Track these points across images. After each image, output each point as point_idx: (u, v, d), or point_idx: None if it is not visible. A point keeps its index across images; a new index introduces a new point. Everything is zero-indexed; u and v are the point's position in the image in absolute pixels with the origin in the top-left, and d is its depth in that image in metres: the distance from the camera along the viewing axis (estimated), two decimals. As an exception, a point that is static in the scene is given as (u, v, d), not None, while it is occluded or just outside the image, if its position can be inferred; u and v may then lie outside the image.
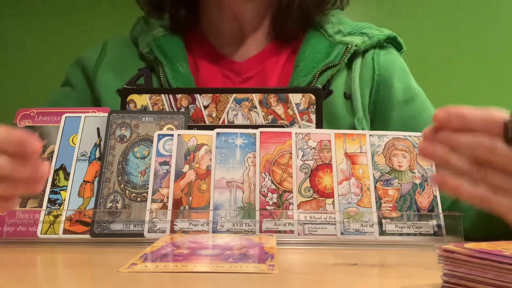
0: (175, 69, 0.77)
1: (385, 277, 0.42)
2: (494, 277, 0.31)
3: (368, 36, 0.78)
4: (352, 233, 0.55)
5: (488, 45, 1.59)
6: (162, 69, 0.77)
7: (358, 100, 0.74)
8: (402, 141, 0.60)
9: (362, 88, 0.75)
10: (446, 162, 0.45)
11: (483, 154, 0.43)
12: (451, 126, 0.44)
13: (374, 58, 0.77)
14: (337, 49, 0.76)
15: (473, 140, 0.44)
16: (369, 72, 0.77)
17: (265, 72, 0.79)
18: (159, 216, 0.55)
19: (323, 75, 0.74)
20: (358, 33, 0.79)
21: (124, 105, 0.66)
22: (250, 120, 0.65)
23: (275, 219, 0.55)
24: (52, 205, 0.57)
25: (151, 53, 0.79)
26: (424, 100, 0.78)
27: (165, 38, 0.80)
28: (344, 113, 0.74)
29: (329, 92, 0.74)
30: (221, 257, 0.42)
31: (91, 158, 0.61)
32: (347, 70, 0.77)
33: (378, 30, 0.80)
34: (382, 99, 0.76)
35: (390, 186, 0.57)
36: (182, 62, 0.78)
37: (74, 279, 0.41)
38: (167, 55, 0.78)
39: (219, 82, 0.79)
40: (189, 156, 0.59)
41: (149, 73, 0.78)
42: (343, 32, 0.78)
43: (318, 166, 0.58)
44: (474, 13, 1.60)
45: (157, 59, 0.78)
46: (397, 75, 0.77)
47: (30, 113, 0.65)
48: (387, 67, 0.77)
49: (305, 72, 0.75)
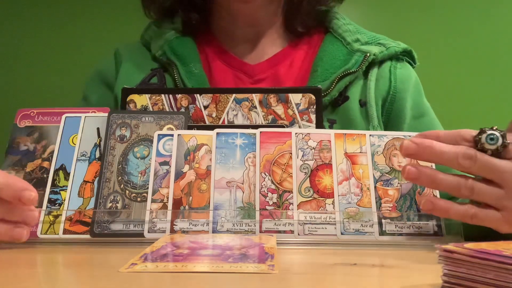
0: (189, 70, 0.78)
1: (385, 277, 0.42)
2: (494, 277, 0.31)
3: (385, 47, 0.79)
4: (352, 233, 0.55)
5: (488, 45, 1.58)
6: (176, 69, 0.78)
7: (373, 108, 0.75)
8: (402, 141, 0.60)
9: (376, 97, 0.77)
10: (432, 182, 0.48)
11: (462, 165, 0.47)
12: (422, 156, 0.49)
13: (391, 70, 0.79)
14: (356, 57, 0.77)
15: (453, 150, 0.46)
16: (385, 83, 0.78)
17: (277, 75, 0.79)
18: (159, 216, 0.55)
19: (341, 82, 0.75)
20: (375, 43, 0.80)
21: (124, 105, 0.66)
22: (250, 120, 0.65)
23: (275, 219, 0.55)
24: (52, 205, 0.57)
25: (164, 55, 0.80)
26: (433, 117, 0.81)
27: (178, 40, 0.82)
28: (360, 120, 0.75)
29: (346, 98, 0.76)
30: (221, 257, 0.42)
31: (91, 158, 0.61)
32: (363, 78, 0.78)
33: (395, 42, 0.81)
34: (396, 112, 0.78)
35: (390, 186, 0.57)
36: (195, 62, 0.79)
37: (74, 279, 0.41)
38: (180, 56, 0.79)
39: (231, 83, 0.80)
40: (189, 156, 0.59)
41: (162, 72, 0.79)
42: (361, 41, 0.80)
43: (318, 166, 0.58)
44: (474, 13, 1.59)
45: (170, 61, 0.79)
46: (410, 91, 0.79)
47: (30, 113, 0.65)
48: (402, 81, 0.79)
49: (323, 77, 0.76)
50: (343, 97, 0.75)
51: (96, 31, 1.57)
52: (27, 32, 1.65)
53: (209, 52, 0.83)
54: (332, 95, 0.74)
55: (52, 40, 1.62)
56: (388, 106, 0.77)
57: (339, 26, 0.82)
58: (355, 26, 0.83)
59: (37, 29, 1.64)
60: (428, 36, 1.57)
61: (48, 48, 1.62)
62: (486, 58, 1.58)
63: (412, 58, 0.83)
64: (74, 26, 1.62)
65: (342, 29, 0.82)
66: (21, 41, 1.65)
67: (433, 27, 1.59)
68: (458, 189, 0.47)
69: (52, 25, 1.64)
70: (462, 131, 0.49)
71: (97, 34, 1.55)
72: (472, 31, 1.58)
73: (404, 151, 0.49)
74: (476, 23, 1.59)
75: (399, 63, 0.81)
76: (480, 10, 1.59)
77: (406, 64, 0.82)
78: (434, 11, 1.60)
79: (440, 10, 1.60)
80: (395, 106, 0.77)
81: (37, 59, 1.62)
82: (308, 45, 0.83)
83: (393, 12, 1.60)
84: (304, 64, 0.81)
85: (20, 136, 0.63)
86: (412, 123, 0.78)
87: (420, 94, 0.82)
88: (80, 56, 1.44)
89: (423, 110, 0.80)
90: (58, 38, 1.62)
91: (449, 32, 1.59)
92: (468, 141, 0.48)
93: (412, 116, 0.78)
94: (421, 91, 0.82)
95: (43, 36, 1.63)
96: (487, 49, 1.58)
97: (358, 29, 0.83)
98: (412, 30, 1.56)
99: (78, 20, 1.62)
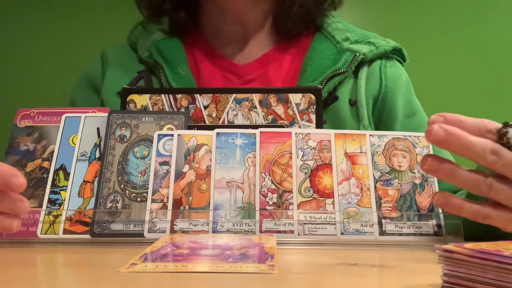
0: (176, 72, 0.77)
1: (385, 277, 0.42)
2: (494, 277, 0.31)
3: (375, 46, 0.78)
4: (352, 233, 0.55)
5: (488, 45, 1.58)
6: (162, 72, 0.77)
7: (364, 107, 0.74)
8: (402, 141, 0.60)
9: (367, 97, 0.76)
10: (452, 176, 0.46)
11: (487, 160, 0.45)
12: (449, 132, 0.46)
13: (381, 69, 0.78)
14: (345, 56, 0.76)
15: (479, 143, 0.44)
16: (376, 82, 0.78)
17: (267, 75, 0.79)
18: (159, 216, 0.55)
19: (330, 82, 0.74)
20: (365, 41, 0.79)
21: (124, 105, 0.66)
22: (250, 120, 0.65)
23: (275, 219, 0.55)
24: (52, 205, 0.57)
25: (150, 57, 0.79)
26: (424, 116, 0.81)
27: (164, 42, 0.80)
28: (350, 119, 0.74)
29: (335, 98, 0.75)
30: (221, 257, 0.42)
31: (91, 158, 0.61)
32: (353, 77, 0.77)
33: (385, 40, 0.81)
34: (387, 111, 0.77)
35: (390, 186, 0.57)
36: (182, 64, 0.78)
37: (74, 279, 0.41)
38: (166, 58, 0.78)
39: (220, 84, 0.79)
40: (189, 156, 0.59)
41: (148, 75, 0.78)
42: (351, 39, 0.79)
43: (318, 166, 0.58)
44: (474, 13, 1.59)
45: (157, 63, 0.78)
46: (401, 89, 0.79)
47: (30, 113, 0.65)
48: (393, 80, 0.78)
49: (312, 77, 0.75)
50: (332, 97, 0.75)
51: (96, 31, 1.57)
52: (27, 32, 1.64)
53: (197, 53, 0.82)
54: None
55: (53, 40, 1.62)
56: (379, 105, 0.77)
57: (328, 24, 0.82)
58: (344, 24, 0.82)
59: (37, 29, 1.64)
60: (425, 36, 1.57)
61: (48, 48, 1.62)
62: (484, 57, 1.57)
63: (402, 56, 0.83)
64: (74, 26, 1.62)
65: (331, 27, 0.81)
66: (21, 41, 1.65)
67: (429, 26, 1.59)
68: (477, 186, 0.46)
69: (53, 25, 1.64)
70: (486, 121, 0.47)
71: (97, 34, 1.55)
72: (469, 31, 1.58)
73: (433, 137, 0.45)
74: (474, 22, 1.58)
75: (389, 61, 0.80)
76: (478, 8, 1.59)
77: (396, 62, 0.82)
78: (432, 11, 1.60)
79: (439, 10, 1.60)
80: (387, 105, 0.77)
81: (37, 59, 1.62)
82: (297, 44, 0.82)
83: (390, 12, 1.60)
84: (294, 64, 0.80)
85: (20, 136, 0.63)
86: (405, 121, 0.78)
87: (411, 92, 0.81)
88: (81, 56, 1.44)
89: (414, 108, 0.80)
90: (58, 38, 1.62)
91: (447, 32, 1.59)
92: (493, 134, 0.46)
93: (404, 114, 0.78)
94: (411, 89, 0.82)
95: (44, 36, 1.63)
96: (485, 48, 1.58)
97: (348, 27, 0.82)
98: (410, 30, 1.55)
99: (78, 20, 1.62)
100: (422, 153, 0.59)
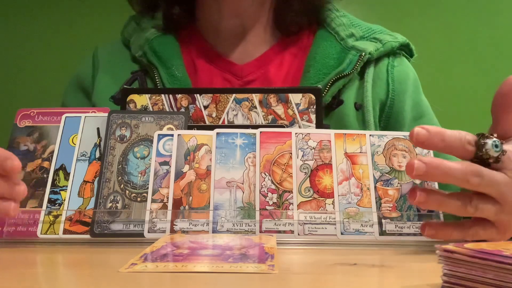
0: (171, 73, 0.74)
1: (385, 277, 0.42)
2: (494, 277, 0.31)
3: (381, 43, 0.75)
4: (352, 233, 0.55)
5: (488, 45, 1.58)
6: (157, 73, 0.74)
7: (370, 113, 0.72)
8: (402, 141, 0.60)
9: (374, 101, 0.74)
10: (440, 205, 0.47)
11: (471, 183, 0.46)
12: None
13: (388, 69, 0.75)
14: (350, 56, 0.73)
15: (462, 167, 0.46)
16: (383, 85, 0.75)
17: (267, 76, 0.76)
18: (159, 216, 0.55)
19: (334, 86, 0.72)
20: (371, 37, 0.76)
21: (124, 105, 0.66)
22: (250, 120, 0.65)
23: (275, 219, 0.55)
24: (52, 205, 0.57)
25: (144, 57, 0.76)
26: (432, 117, 0.78)
27: (159, 40, 0.77)
28: (355, 124, 0.72)
29: (340, 102, 0.72)
30: (221, 257, 0.42)
31: (91, 158, 0.61)
32: (358, 79, 0.75)
33: (391, 36, 0.77)
34: (395, 115, 0.75)
35: (390, 186, 0.57)
36: (177, 65, 0.75)
37: (74, 279, 0.41)
38: (161, 58, 0.75)
39: (219, 85, 0.76)
40: (189, 156, 0.59)
41: (143, 76, 0.76)
42: (356, 35, 0.76)
43: (318, 166, 0.58)
44: (474, 13, 1.59)
45: (151, 63, 0.75)
46: (409, 91, 0.76)
47: (30, 113, 0.65)
48: (400, 82, 0.76)
49: (315, 79, 0.72)
50: (337, 101, 0.72)
51: (96, 31, 1.57)
52: (27, 32, 1.65)
53: (194, 51, 0.78)
54: (325, 100, 0.71)
55: (53, 40, 1.62)
56: (387, 111, 0.75)
57: (332, 19, 0.78)
58: (349, 18, 0.79)
59: (37, 29, 1.64)
60: (428, 34, 1.57)
61: (48, 48, 1.62)
62: (488, 56, 1.57)
63: (409, 51, 0.79)
64: (75, 26, 1.62)
65: (335, 22, 0.77)
66: (21, 41, 1.65)
67: (433, 24, 1.59)
68: (464, 209, 0.46)
69: (53, 25, 1.64)
70: (464, 133, 0.47)
71: (97, 34, 1.55)
72: (474, 29, 1.58)
73: (416, 173, 0.46)
74: (479, 20, 1.58)
75: (396, 59, 0.77)
76: (482, 7, 1.59)
77: (404, 59, 0.78)
78: (434, 8, 1.60)
79: (441, 7, 1.60)
80: (394, 110, 0.75)
81: (37, 59, 1.62)
82: (298, 41, 0.78)
83: (392, 9, 1.60)
84: (295, 63, 0.77)
85: (20, 136, 0.63)
86: (413, 124, 0.74)
87: (418, 92, 0.78)
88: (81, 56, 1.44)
89: (422, 110, 0.77)
90: (58, 38, 1.62)
91: (450, 30, 1.59)
92: (472, 145, 0.47)
93: (412, 117, 0.76)
94: (419, 88, 0.79)
95: (44, 36, 1.63)
96: (490, 47, 1.58)
97: (353, 21, 0.78)
98: (412, 27, 1.55)
99: (79, 20, 1.62)
100: (422, 153, 0.59)
